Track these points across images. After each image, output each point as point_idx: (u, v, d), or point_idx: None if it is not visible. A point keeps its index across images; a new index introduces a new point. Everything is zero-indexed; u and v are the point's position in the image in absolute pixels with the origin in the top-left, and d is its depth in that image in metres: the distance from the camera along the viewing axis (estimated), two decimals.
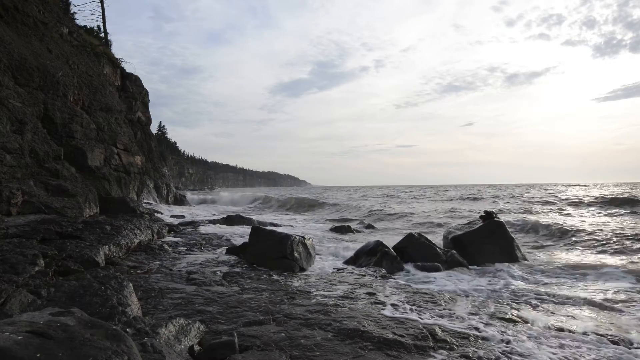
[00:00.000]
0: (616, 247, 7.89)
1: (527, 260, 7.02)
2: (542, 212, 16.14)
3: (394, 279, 5.42)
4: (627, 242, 8.02)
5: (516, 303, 4.31)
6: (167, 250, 6.72)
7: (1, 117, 8.95)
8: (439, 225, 12.92)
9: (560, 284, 5.40)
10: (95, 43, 19.15)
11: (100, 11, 23.57)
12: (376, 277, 5.30)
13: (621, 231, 9.14)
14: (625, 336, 3.28)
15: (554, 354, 2.87)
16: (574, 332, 3.35)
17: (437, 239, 8.10)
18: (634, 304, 4.33)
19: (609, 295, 4.70)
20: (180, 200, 22.92)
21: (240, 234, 9.72)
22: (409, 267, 6.22)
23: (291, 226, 12.88)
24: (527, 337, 3.18)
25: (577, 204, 18.72)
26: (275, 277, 5.00)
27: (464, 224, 8.12)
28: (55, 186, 9.48)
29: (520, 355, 2.81)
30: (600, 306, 4.23)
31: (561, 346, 3.03)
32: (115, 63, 20.36)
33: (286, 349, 2.66)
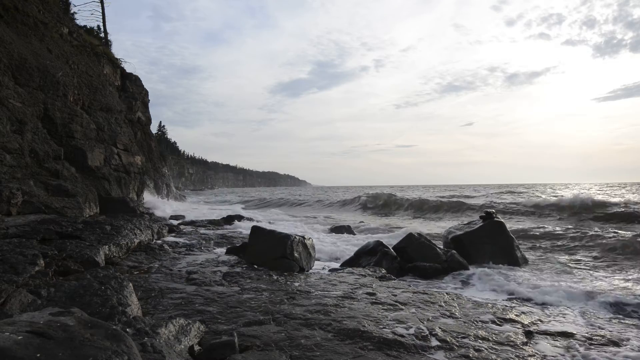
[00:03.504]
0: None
1: (527, 261, 7.01)
2: None
3: (394, 279, 5.42)
4: None
5: (518, 305, 4.31)
6: (167, 250, 6.72)
7: (1, 117, 8.95)
8: None
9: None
10: (95, 43, 19.14)
11: (100, 11, 23.55)
12: (376, 277, 5.30)
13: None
14: None
15: None
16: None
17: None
18: None
19: None
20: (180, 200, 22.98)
21: (240, 234, 9.72)
22: (408, 267, 6.21)
23: (295, 227, 12.87)
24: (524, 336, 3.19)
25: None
26: (275, 277, 4.99)
27: (464, 224, 8.11)
28: (55, 186, 9.48)
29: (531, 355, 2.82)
30: None
31: None
32: (115, 63, 20.35)
33: (286, 349, 2.66)
